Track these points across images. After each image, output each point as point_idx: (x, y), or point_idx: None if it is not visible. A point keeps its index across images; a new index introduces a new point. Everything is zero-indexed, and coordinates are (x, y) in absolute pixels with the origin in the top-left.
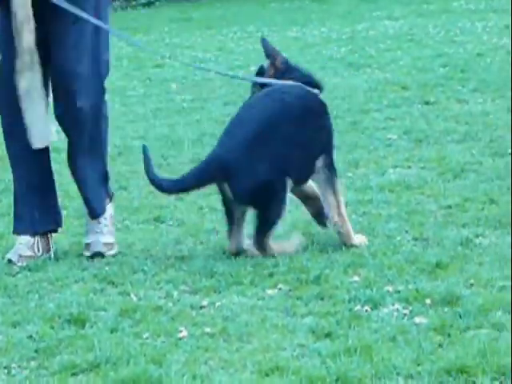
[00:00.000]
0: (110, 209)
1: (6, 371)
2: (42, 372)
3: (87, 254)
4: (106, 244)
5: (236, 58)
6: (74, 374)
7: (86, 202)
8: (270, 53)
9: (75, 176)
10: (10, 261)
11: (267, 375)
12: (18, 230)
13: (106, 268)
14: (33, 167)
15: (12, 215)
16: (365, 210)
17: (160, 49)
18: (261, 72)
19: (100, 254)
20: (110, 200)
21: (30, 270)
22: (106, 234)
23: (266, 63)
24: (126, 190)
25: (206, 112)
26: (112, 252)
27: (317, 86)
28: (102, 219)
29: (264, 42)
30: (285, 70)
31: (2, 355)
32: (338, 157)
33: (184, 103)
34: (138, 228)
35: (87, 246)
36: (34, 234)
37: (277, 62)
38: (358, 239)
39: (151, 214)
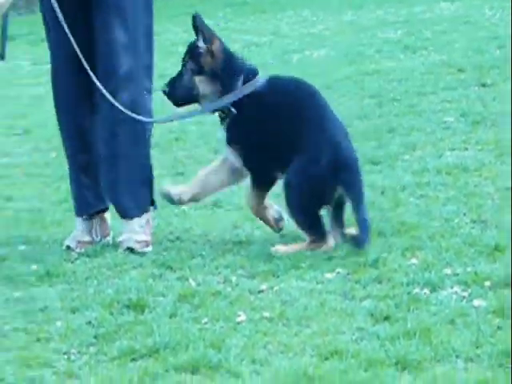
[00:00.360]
0: (148, 215)
1: (65, 357)
2: (101, 358)
3: (120, 250)
4: (139, 241)
5: (290, 43)
6: (133, 360)
7: (116, 199)
8: (205, 34)
9: (111, 173)
10: (68, 247)
11: (326, 359)
12: (75, 212)
13: (164, 253)
14: (81, 147)
15: (69, 202)
16: (422, 192)
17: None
18: (192, 49)
19: (132, 250)
20: (153, 207)
21: (88, 256)
22: (139, 233)
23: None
24: (183, 176)
25: None
26: (146, 249)
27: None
28: (135, 223)
29: (198, 18)
30: (227, 60)
31: (61, 341)
32: (394, 139)
33: None
34: (196, 213)
35: (120, 243)
36: (86, 215)
37: (214, 46)
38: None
39: (209, 198)
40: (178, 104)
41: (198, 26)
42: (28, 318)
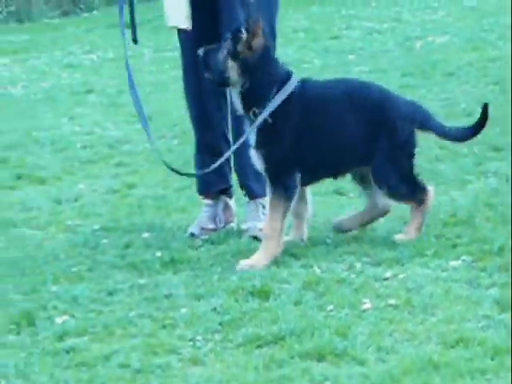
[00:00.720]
0: None
1: (191, 343)
2: (227, 344)
3: (244, 238)
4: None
5: (413, 29)
6: (258, 347)
7: (244, 181)
8: (251, 24)
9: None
10: (192, 234)
11: (452, 347)
12: (198, 191)
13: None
14: (207, 128)
15: (192, 189)
16: None
17: (335, 20)
18: (236, 31)
19: (256, 239)
20: None
21: (212, 243)
22: (263, 221)
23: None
24: None
25: (384, 83)
26: None
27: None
28: (260, 206)
29: (253, 6)
30: (264, 60)
31: (186, 328)
32: None
33: (362, 74)
34: (319, 200)
35: (244, 231)
36: (208, 194)
37: (255, 40)
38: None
39: (331, 185)
40: (208, 75)
41: (249, 13)
42: (153, 304)
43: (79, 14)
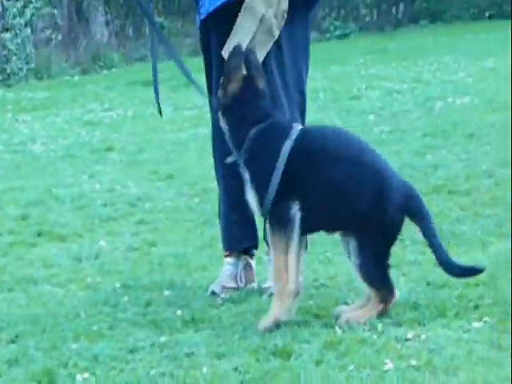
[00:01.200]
0: None
1: None
2: None
3: (265, 296)
4: None
5: (433, 90)
6: None
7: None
8: (230, 68)
9: None
10: (213, 293)
11: None
12: (224, 246)
13: (310, 300)
14: (233, 184)
15: (213, 247)
16: None
17: (355, 80)
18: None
19: None
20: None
21: (233, 302)
22: None
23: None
24: None
25: (405, 143)
26: None
27: None
28: None
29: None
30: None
31: None
32: None
33: (383, 135)
34: (340, 259)
35: (265, 290)
36: (233, 251)
37: (231, 85)
38: None
39: None
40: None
41: (233, 56)
42: (174, 363)
43: (99, 72)
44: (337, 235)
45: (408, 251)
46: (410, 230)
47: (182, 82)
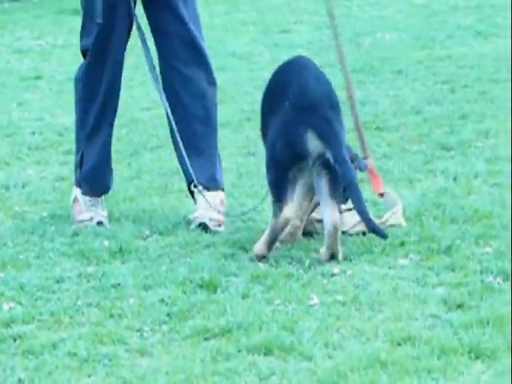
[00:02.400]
0: (222, 194)
1: (138, 334)
2: (174, 336)
3: (192, 226)
4: (212, 219)
5: (362, 25)
6: (206, 339)
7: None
8: None
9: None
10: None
11: (399, 344)
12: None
13: (237, 233)
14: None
15: (141, 179)
16: (495, 180)
17: (285, 14)
18: None
19: (205, 226)
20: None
21: (160, 233)
22: (213, 211)
23: None
24: (254, 156)
25: (333, 79)
26: (219, 228)
27: None
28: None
29: None
30: None
31: (134, 318)
32: (467, 126)
33: None
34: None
35: (193, 219)
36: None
37: None
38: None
39: None
40: None
41: None
42: (101, 294)
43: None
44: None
45: None
46: None
47: None
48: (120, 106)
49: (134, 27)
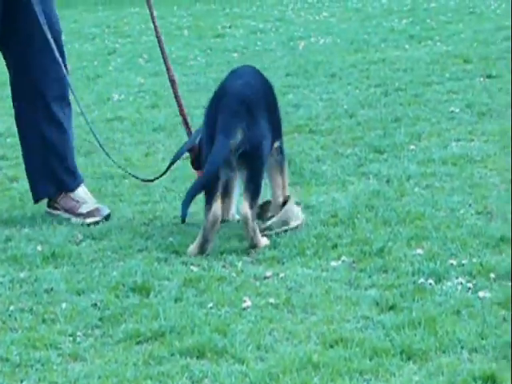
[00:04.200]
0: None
1: (71, 339)
2: (107, 340)
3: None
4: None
5: (296, 29)
6: (138, 343)
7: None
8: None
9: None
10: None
11: (331, 346)
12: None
13: (170, 237)
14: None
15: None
16: (428, 182)
17: (220, 18)
18: None
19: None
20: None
21: (93, 238)
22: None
23: None
24: (188, 160)
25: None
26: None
27: None
28: None
29: None
30: None
31: (66, 323)
32: (400, 129)
33: None
34: (202, 197)
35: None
36: None
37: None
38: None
39: None
40: None
41: None
42: (33, 299)
43: None
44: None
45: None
46: None
47: None
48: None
49: None
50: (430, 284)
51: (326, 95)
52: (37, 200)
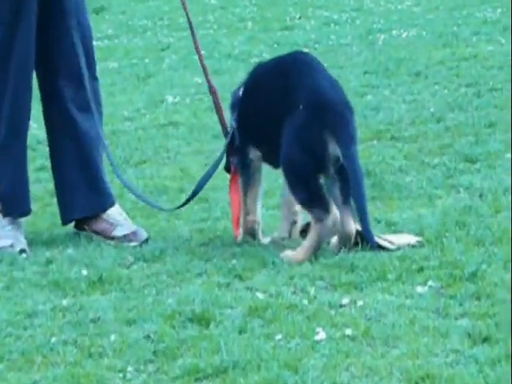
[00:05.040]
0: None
1: (120, 375)
2: (161, 377)
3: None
4: None
5: (376, 21)
6: (197, 380)
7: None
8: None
9: None
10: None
11: None
12: None
13: (233, 260)
14: None
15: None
16: None
17: (288, 8)
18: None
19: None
20: None
21: (146, 260)
22: None
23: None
24: None
25: (342, 82)
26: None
27: None
28: None
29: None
30: None
31: (116, 357)
32: (494, 135)
33: None
34: (268, 214)
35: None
36: None
37: None
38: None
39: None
40: None
41: None
42: (78, 329)
43: None
44: None
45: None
46: None
47: None
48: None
49: None
50: None
51: (409, 96)
52: (66, 222)
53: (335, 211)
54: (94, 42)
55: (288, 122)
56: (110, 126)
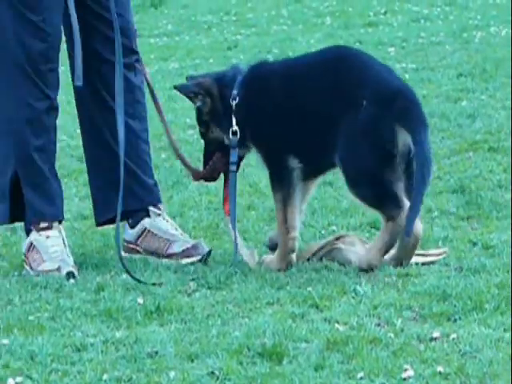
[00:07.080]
0: None
1: None
2: None
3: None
4: None
5: (471, 16)
6: None
7: None
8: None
9: None
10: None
11: None
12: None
13: (308, 288)
14: None
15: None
16: None
17: (372, 2)
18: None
19: None
20: None
21: (209, 287)
22: None
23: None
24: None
25: (434, 85)
26: None
27: None
28: None
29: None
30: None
31: None
32: None
33: (406, 73)
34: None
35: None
36: None
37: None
38: None
39: (365, 217)
40: None
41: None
42: (133, 365)
43: None
44: None
45: (435, 225)
46: (438, 199)
47: None
48: (158, 123)
49: None
50: None
51: (509, 102)
52: (100, 224)
53: (407, 204)
54: (152, 40)
55: (348, 120)
56: None
